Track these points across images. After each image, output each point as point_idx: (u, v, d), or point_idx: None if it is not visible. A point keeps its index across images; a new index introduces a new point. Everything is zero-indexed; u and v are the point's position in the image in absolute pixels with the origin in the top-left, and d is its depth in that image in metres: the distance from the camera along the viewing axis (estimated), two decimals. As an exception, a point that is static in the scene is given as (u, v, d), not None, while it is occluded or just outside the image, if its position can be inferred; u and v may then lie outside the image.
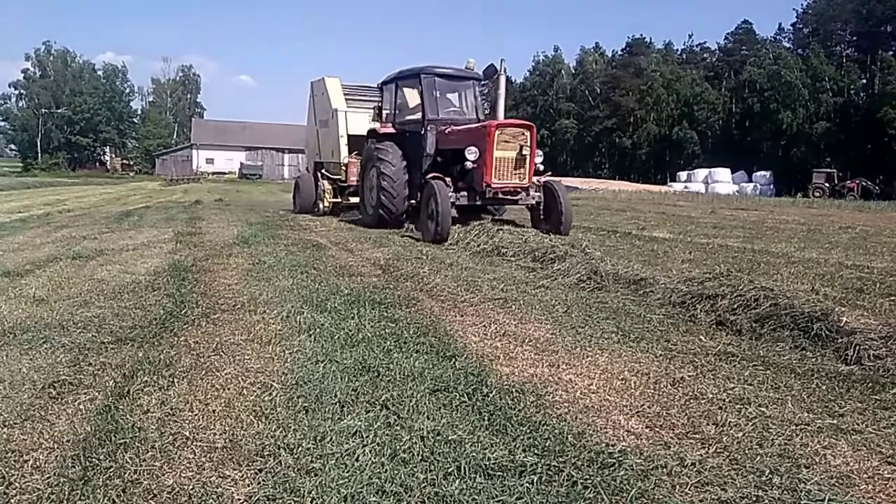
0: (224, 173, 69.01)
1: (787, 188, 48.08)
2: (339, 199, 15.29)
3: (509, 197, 10.47)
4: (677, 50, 76.08)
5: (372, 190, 11.99)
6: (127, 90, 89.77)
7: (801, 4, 66.84)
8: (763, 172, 53.93)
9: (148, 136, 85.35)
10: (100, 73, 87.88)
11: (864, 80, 59.09)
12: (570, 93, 77.63)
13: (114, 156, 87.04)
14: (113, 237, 10.26)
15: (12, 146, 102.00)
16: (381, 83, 13.13)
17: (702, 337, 4.58)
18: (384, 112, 12.72)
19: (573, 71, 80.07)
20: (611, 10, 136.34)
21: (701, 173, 54.16)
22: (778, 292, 5.23)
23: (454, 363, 3.76)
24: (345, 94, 15.74)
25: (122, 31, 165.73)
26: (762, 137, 58.39)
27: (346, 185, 14.77)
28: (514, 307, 5.39)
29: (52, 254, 8.15)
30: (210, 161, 74.34)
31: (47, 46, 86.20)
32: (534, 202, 10.72)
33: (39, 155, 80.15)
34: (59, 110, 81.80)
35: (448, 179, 10.23)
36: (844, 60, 60.55)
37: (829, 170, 46.07)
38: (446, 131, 11.23)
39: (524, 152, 10.18)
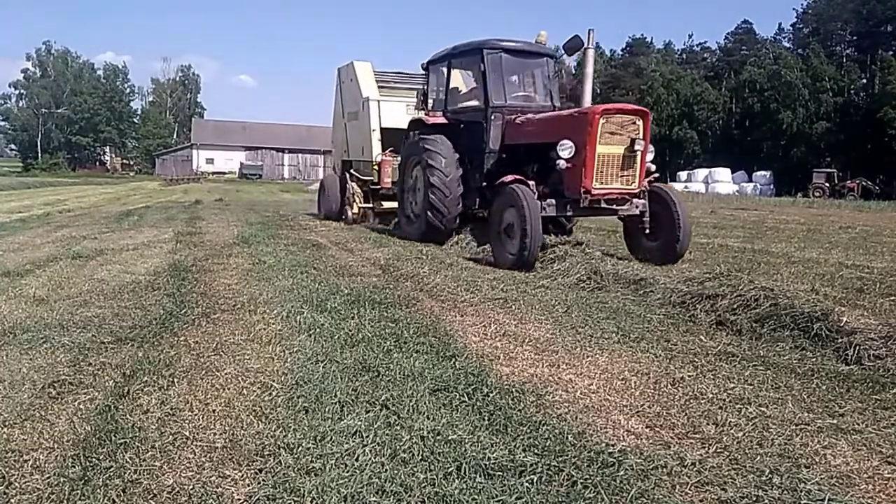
0: (224, 173, 69.01)
1: (788, 188, 48.06)
2: (371, 204, 12.95)
3: (613, 206, 7.99)
4: (677, 50, 76.16)
5: (415, 193, 10.09)
6: (127, 90, 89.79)
7: (801, 4, 66.91)
8: (763, 172, 53.89)
9: (148, 136, 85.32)
10: (100, 73, 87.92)
11: (864, 80, 59.07)
12: (569, 93, 77.47)
13: (114, 156, 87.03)
14: (113, 237, 10.26)
15: (12, 146, 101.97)
16: (427, 63, 10.86)
17: (702, 337, 4.58)
18: (430, 98, 10.67)
19: (573, 71, 79.97)
20: (611, 10, 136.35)
21: (701, 173, 54.13)
22: (778, 292, 5.23)
23: (454, 363, 3.76)
24: (377, 82, 13.47)
25: (122, 31, 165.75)
26: (762, 137, 58.34)
27: (378, 187, 12.44)
28: (514, 307, 5.39)
29: (52, 254, 8.15)
30: (210, 161, 74.32)
31: (47, 46, 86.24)
32: (637, 212, 8.06)
33: (39, 155, 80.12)
34: (59, 110, 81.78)
35: (532, 183, 7.91)
36: (844, 60, 60.54)
37: (829, 170, 46.07)
38: (517, 121, 8.94)
39: (636, 147, 7.65)
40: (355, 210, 12.96)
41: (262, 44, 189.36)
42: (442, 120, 9.96)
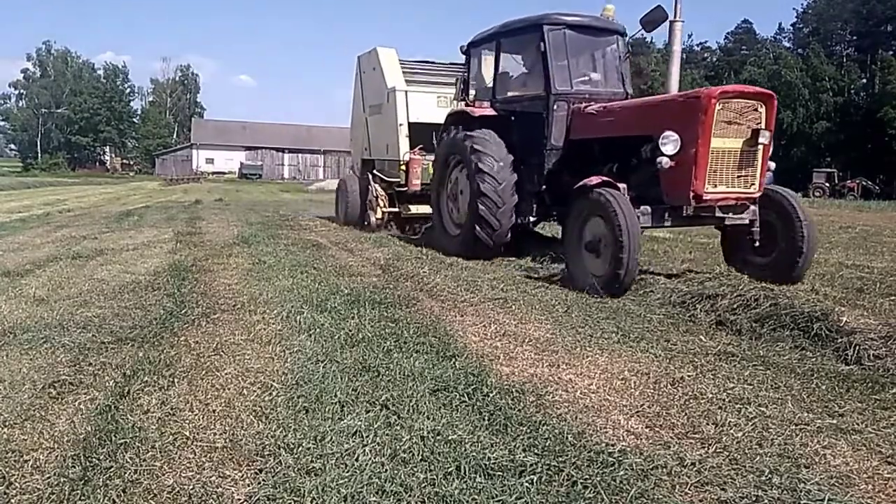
0: (224, 173, 69.00)
1: (788, 188, 47.94)
2: (398, 209, 11.59)
3: (729, 214, 6.45)
4: (677, 50, 76.10)
5: (456, 200, 8.73)
6: (127, 90, 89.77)
7: (801, 4, 66.86)
8: (763, 172, 53.85)
9: (148, 136, 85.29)
10: (100, 73, 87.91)
11: (864, 80, 59.06)
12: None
13: (114, 156, 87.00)
14: (113, 237, 10.26)
15: (12, 146, 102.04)
16: (469, 45, 9.24)
17: (702, 337, 4.58)
18: (472, 87, 9.19)
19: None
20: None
21: (701, 173, 54.08)
22: (778, 292, 5.24)
23: (454, 363, 3.76)
24: (403, 72, 12.04)
25: (122, 31, 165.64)
26: (762, 137, 58.33)
27: (404, 189, 11.04)
28: (514, 307, 5.39)
29: (52, 254, 8.15)
30: (210, 161, 74.31)
31: (47, 46, 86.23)
32: (745, 221, 6.52)
33: (39, 155, 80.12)
34: (59, 110, 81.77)
35: (623, 186, 6.30)
36: (844, 60, 60.53)
37: (829, 169, 46.04)
38: (587, 110, 7.45)
39: (760, 140, 6.10)
40: (379, 215, 11.47)
41: (262, 44, 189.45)
42: (490, 112, 8.47)
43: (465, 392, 3.27)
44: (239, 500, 2.32)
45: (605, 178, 6.38)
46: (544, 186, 7.81)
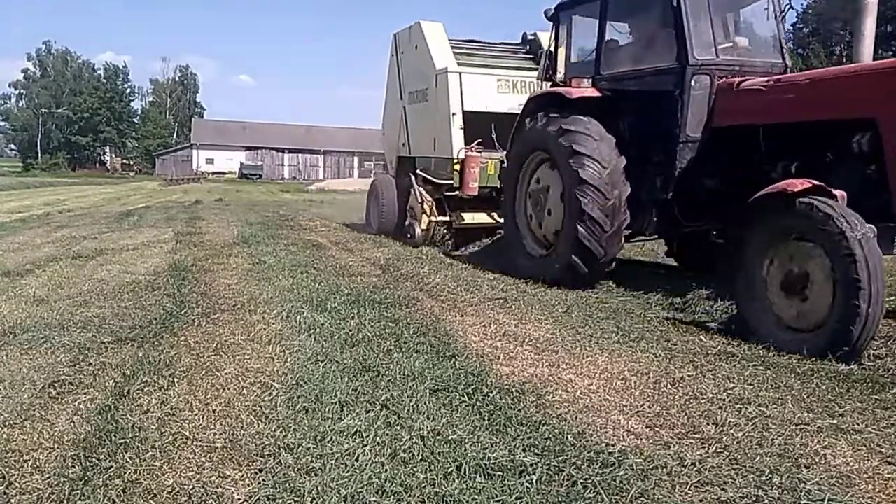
0: (224, 173, 68.95)
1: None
2: (448, 218, 9.54)
3: None
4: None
5: (542, 210, 6.90)
6: (127, 90, 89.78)
7: (801, 4, 66.94)
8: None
9: (148, 136, 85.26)
10: (100, 72, 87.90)
11: (865, 80, 59.12)
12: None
13: (114, 156, 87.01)
14: (113, 237, 10.25)
15: (12, 146, 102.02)
16: (557, 8, 7.37)
17: (702, 337, 4.58)
18: (560, 63, 7.43)
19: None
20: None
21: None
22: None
23: (454, 363, 3.76)
24: (453, 52, 9.91)
25: (122, 31, 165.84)
26: (762, 137, 58.43)
27: (454, 193, 9.29)
28: (514, 307, 5.38)
29: (52, 254, 8.14)
30: (210, 161, 74.26)
31: (47, 46, 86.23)
32: None
33: (39, 155, 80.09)
34: (59, 110, 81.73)
35: (841, 194, 4.44)
36: (844, 60, 60.57)
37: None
38: (744, 86, 5.55)
39: None
40: (424, 225, 9.46)
41: (262, 44, 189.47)
42: (593, 92, 6.56)
43: (465, 392, 3.27)
44: (239, 500, 2.32)
45: (814, 183, 4.41)
46: (671, 194, 5.93)
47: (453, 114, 9.23)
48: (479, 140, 8.91)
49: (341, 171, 73.14)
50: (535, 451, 2.65)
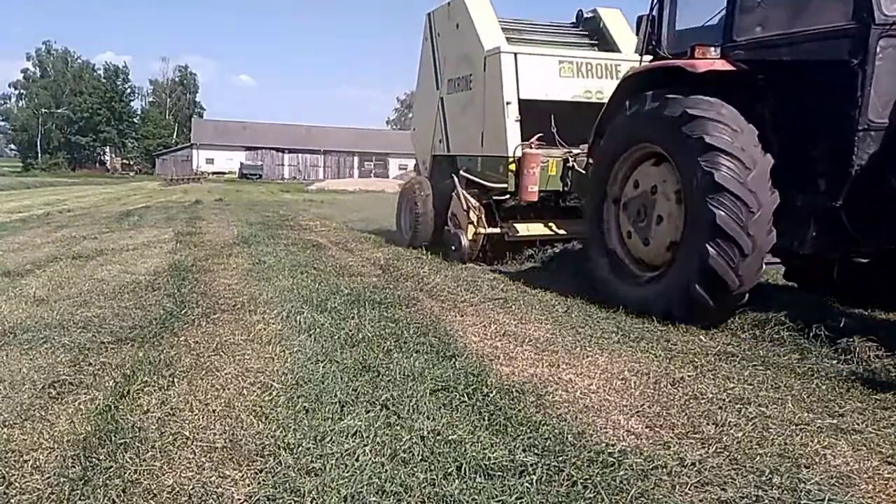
0: (224, 173, 68.93)
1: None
2: (501, 229, 7.76)
3: None
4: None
5: (641, 218, 5.42)
6: (127, 90, 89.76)
7: (801, 4, 66.85)
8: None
9: (148, 136, 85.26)
10: (100, 72, 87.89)
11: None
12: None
13: (114, 156, 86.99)
14: (113, 237, 10.26)
15: (12, 146, 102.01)
16: None
17: (702, 337, 4.58)
18: (664, 30, 5.83)
19: None
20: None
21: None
22: (778, 292, 5.23)
23: (454, 363, 3.76)
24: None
25: (122, 31, 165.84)
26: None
27: (503, 198, 7.84)
28: (514, 307, 5.38)
29: (52, 254, 8.15)
30: (210, 161, 74.24)
31: (47, 46, 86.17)
32: None
33: (39, 155, 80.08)
34: (59, 110, 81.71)
35: None
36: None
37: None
38: None
39: None
40: (471, 236, 7.75)
41: (262, 44, 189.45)
42: (725, 65, 4.97)
43: (465, 392, 3.27)
44: (239, 500, 2.32)
45: None
46: (841, 200, 4.46)
47: (507, 103, 7.50)
48: (540, 134, 7.38)
49: (341, 171, 73.11)
50: (535, 451, 2.65)
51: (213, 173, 68.54)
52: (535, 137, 7.34)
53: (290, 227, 12.38)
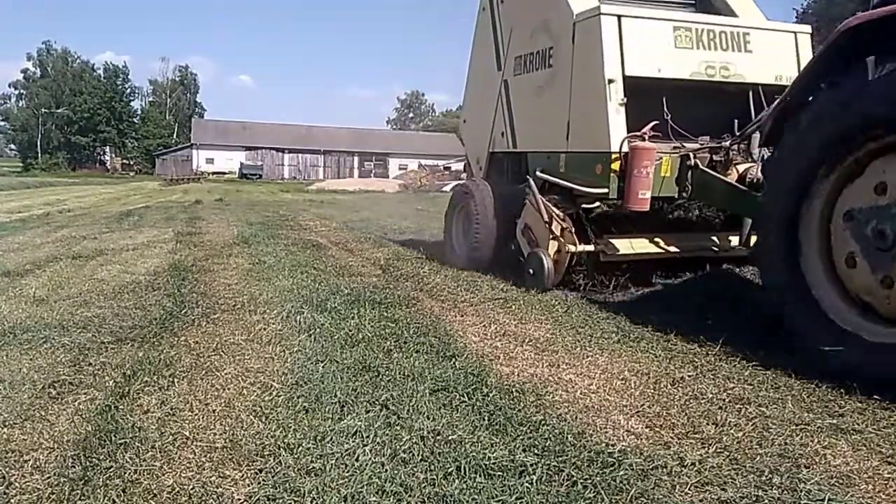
0: (224, 173, 68.97)
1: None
2: (593, 246, 5.85)
3: None
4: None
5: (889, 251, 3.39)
6: (127, 90, 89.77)
7: (801, 4, 66.90)
8: (763, 172, 53.74)
9: (148, 136, 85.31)
10: (100, 72, 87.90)
11: (865, 80, 59.03)
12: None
13: (114, 156, 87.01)
14: (113, 237, 10.26)
15: (12, 146, 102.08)
16: None
17: (702, 337, 4.57)
18: None
19: None
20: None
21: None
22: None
23: (454, 363, 3.76)
24: None
25: (122, 31, 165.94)
26: (762, 137, 58.32)
27: (593, 206, 6.23)
28: (514, 307, 5.38)
29: (52, 254, 8.15)
30: (210, 161, 74.29)
31: (47, 46, 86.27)
32: None
33: (39, 155, 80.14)
34: (59, 110, 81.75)
35: None
36: (844, 60, 60.51)
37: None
38: None
39: None
40: (555, 255, 5.93)
41: (262, 44, 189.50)
42: None
43: (465, 392, 3.27)
44: (239, 500, 2.32)
45: None
46: None
47: (610, 81, 5.61)
48: (655, 122, 5.57)
49: (341, 171, 73.18)
50: (535, 451, 2.65)
51: (213, 173, 68.57)
52: (649, 126, 5.50)
53: (290, 227, 12.38)
